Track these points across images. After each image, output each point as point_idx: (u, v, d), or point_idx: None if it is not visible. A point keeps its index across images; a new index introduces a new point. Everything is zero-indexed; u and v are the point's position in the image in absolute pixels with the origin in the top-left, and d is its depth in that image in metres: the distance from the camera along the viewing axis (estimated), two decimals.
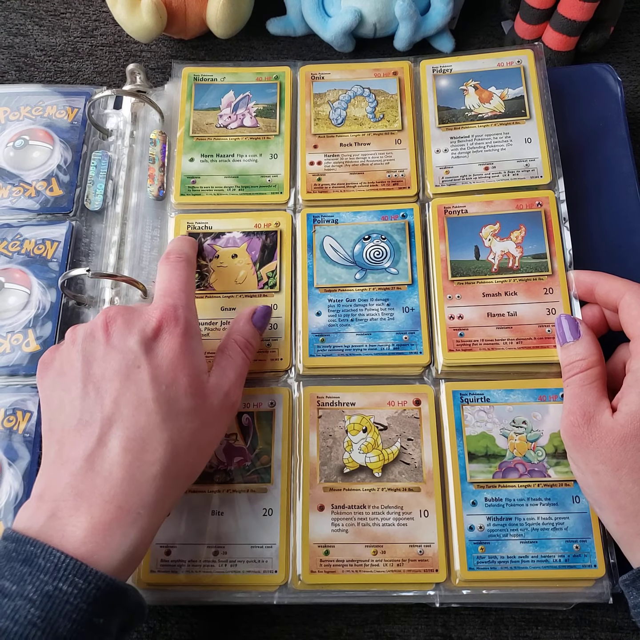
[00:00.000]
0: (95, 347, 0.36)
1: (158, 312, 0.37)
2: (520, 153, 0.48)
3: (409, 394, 0.43)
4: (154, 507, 0.33)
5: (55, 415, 0.36)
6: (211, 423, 0.37)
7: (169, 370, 0.36)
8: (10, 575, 0.30)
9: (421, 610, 0.42)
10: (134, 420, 0.34)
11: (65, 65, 0.60)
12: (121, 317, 0.37)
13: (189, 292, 0.40)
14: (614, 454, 0.36)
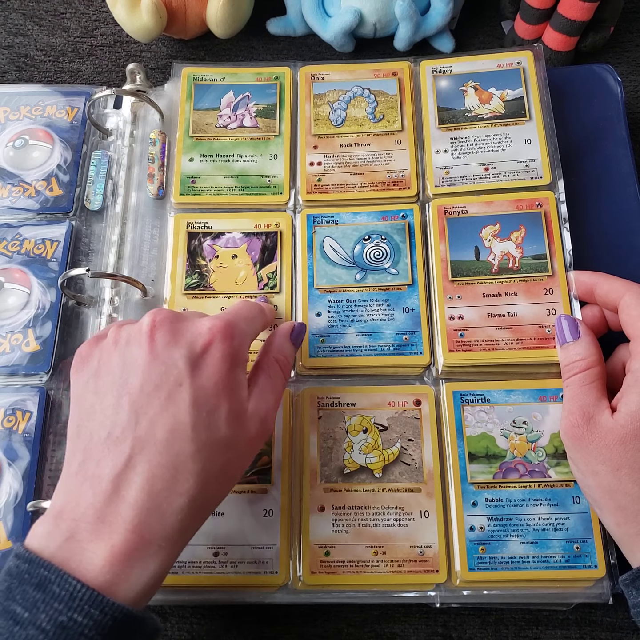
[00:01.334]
0: (137, 353, 0.33)
1: (212, 325, 0.34)
2: (520, 154, 0.48)
3: (409, 394, 0.43)
4: (176, 539, 0.32)
5: (85, 421, 0.33)
6: (244, 452, 0.36)
7: (212, 395, 0.33)
8: (22, 599, 0.29)
9: (421, 610, 0.42)
10: (168, 445, 0.32)
11: (65, 65, 0.60)
12: (169, 324, 0.34)
13: (251, 325, 0.37)
14: (613, 454, 0.36)
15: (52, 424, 0.44)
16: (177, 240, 0.47)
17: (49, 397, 0.44)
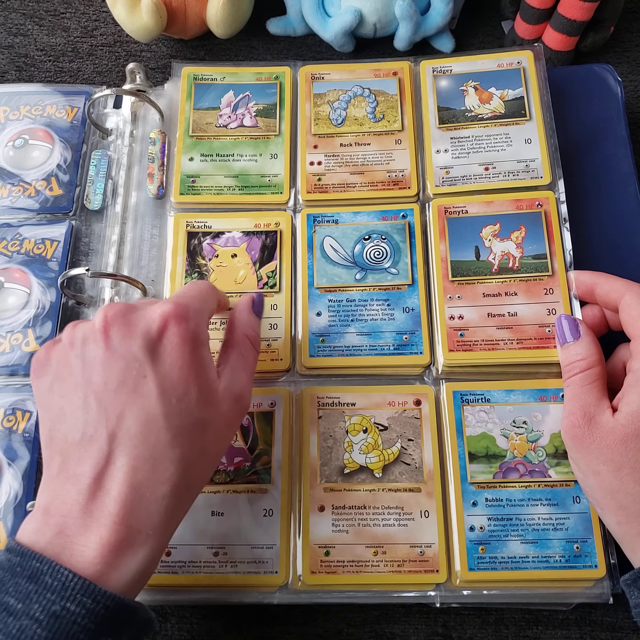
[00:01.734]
0: (95, 351, 0.33)
1: (164, 308, 0.34)
2: (520, 154, 0.48)
3: (409, 394, 0.43)
4: (163, 526, 0.32)
5: (56, 424, 0.33)
6: (222, 431, 0.35)
7: (179, 381, 0.33)
8: (14, 591, 0.29)
9: (421, 610, 0.42)
10: (143, 438, 0.32)
11: (65, 65, 0.60)
12: (122, 317, 0.33)
13: (205, 303, 0.37)
14: (615, 454, 0.36)
15: None
16: (177, 240, 0.47)
17: None
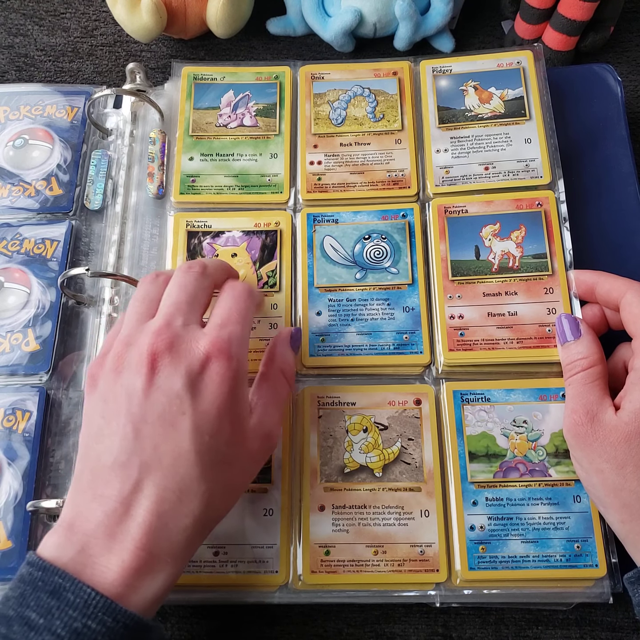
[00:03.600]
0: (138, 384, 0.34)
1: (208, 345, 0.34)
2: (520, 153, 0.48)
3: (409, 393, 0.43)
4: (182, 554, 0.33)
5: (92, 443, 0.34)
6: (248, 467, 0.36)
7: (214, 419, 0.34)
8: (36, 606, 0.30)
9: (421, 610, 0.42)
10: (173, 471, 0.33)
11: (65, 65, 0.60)
12: (168, 354, 0.34)
13: (245, 325, 0.37)
14: (618, 452, 0.36)
15: (51, 424, 0.44)
16: (177, 239, 0.47)
17: (48, 396, 0.44)
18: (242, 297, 0.38)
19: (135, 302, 0.38)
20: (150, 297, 0.38)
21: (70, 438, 0.43)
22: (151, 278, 0.39)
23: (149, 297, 0.38)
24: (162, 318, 0.36)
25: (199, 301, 0.37)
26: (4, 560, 0.40)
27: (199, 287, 0.37)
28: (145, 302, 0.37)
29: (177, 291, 0.37)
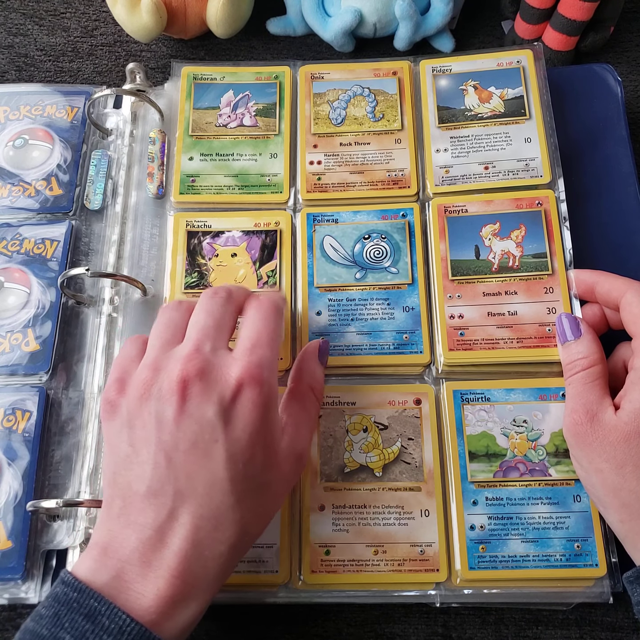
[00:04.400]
0: (169, 412, 0.33)
1: (240, 372, 0.34)
2: (520, 153, 0.48)
3: (409, 393, 0.43)
4: (216, 581, 0.33)
5: (121, 469, 0.34)
6: (280, 490, 0.36)
7: (247, 446, 0.33)
8: (70, 628, 0.30)
9: (421, 610, 0.42)
10: (208, 500, 0.33)
11: (65, 65, 0.60)
12: (199, 381, 0.33)
13: (274, 346, 0.36)
14: (617, 452, 0.36)
15: (51, 424, 0.44)
16: (177, 239, 0.47)
17: (48, 396, 0.44)
18: (271, 317, 0.37)
19: (159, 327, 0.37)
20: (175, 323, 0.37)
21: (70, 438, 0.43)
22: (174, 305, 0.38)
23: (174, 323, 0.37)
24: (191, 343, 0.35)
25: (227, 326, 0.37)
26: (4, 560, 0.40)
27: (226, 312, 0.37)
28: (170, 328, 0.37)
29: (205, 317, 0.36)
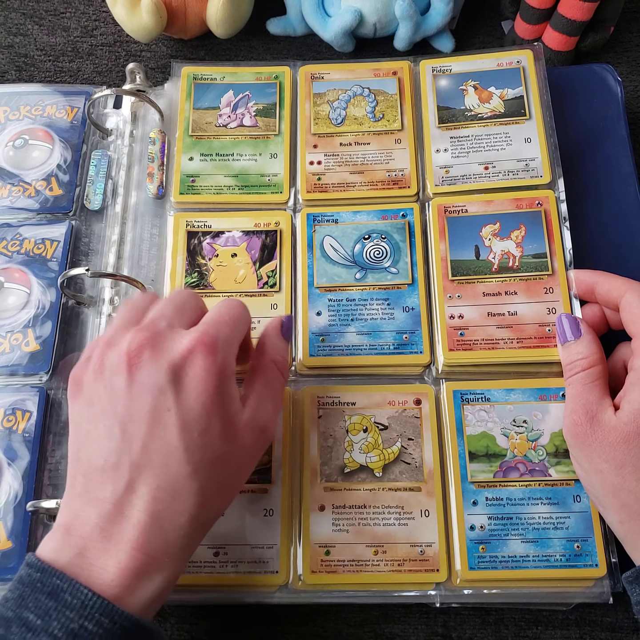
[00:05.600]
0: (121, 383, 0.33)
1: (192, 338, 0.34)
2: (520, 153, 0.48)
3: (409, 393, 0.43)
4: (179, 554, 0.33)
5: (82, 447, 0.34)
6: (243, 463, 0.36)
7: (202, 415, 0.33)
8: (34, 607, 0.30)
9: (421, 610, 0.42)
10: (165, 469, 0.32)
11: (65, 65, 0.60)
12: (149, 348, 0.33)
13: (236, 329, 0.36)
14: (617, 452, 0.36)
15: (51, 424, 0.44)
16: (177, 240, 0.47)
17: (48, 396, 0.44)
18: (236, 306, 0.37)
19: (122, 310, 0.37)
20: (138, 307, 0.37)
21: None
22: (141, 294, 0.39)
23: (136, 306, 0.37)
24: (146, 321, 0.35)
25: (186, 313, 0.36)
26: (4, 560, 0.40)
27: (188, 302, 0.37)
28: (132, 310, 0.37)
29: (166, 302, 0.37)
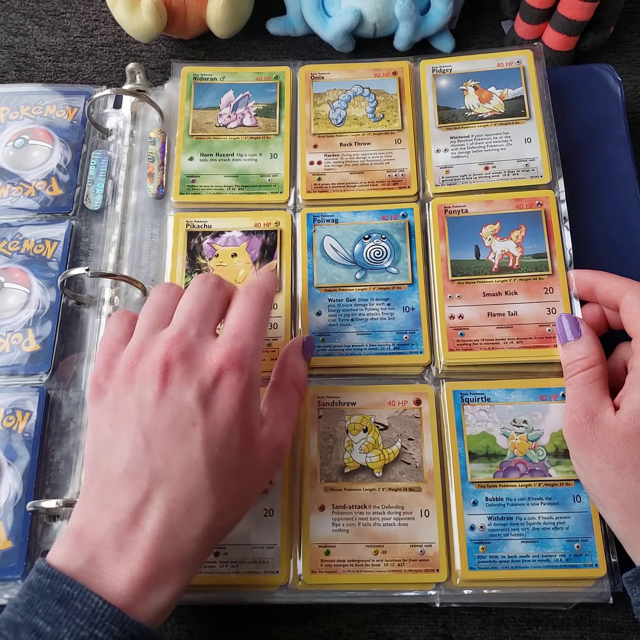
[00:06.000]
0: (151, 395, 0.34)
1: (222, 358, 0.34)
2: (520, 153, 0.48)
3: (409, 393, 0.43)
4: (190, 565, 0.33)
5: (102, 452, 0.34)
6: (258, 478, 0.36)
7: (224, 430, 0.34)
8: (44, 613, 0.30)
9: (421, 610, 0.42)
10: (183, 482, 0.33)
11: (65, 65, 0.60)
12: (181, 364, 0.34)
13: (260, 334, 0.37)
14: (617, 452, 0.36)
15: (52, 424, 0.44)
16: (177, 240, 0.47)
17: (48, 396, 0.44)
18: (258, 303, 0.37)
19: (147, 310, 0.37)
20: (164, 307, 0.37)
21: (70, 438, 0.43)
22: (164, 287, 0.39)
23: (162, 306, 0.37)
24: (175, 328, 0.35)
25: (214, 312, 0.37)
26: (4, 560, 0.40)
27: (214, 298, 0.37)
28: (158, 311, 0.37)
29: (192, 301, 0.37)
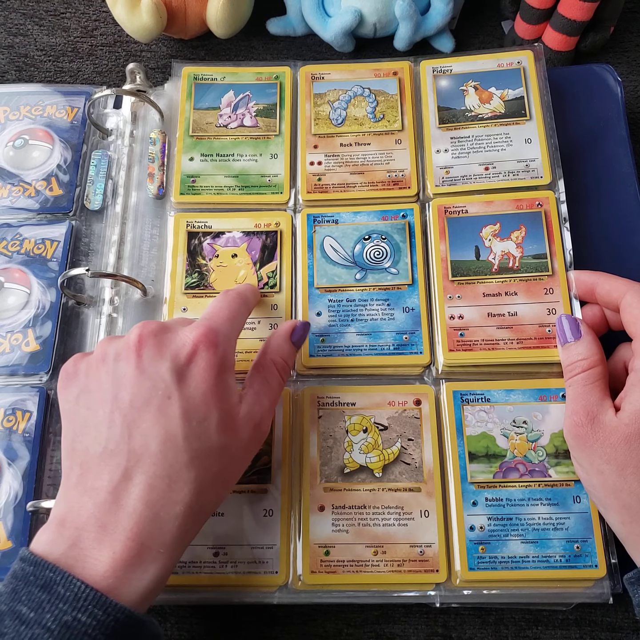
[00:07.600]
0: (124, 369, 0.34)
1: (195, 334, 0.35)
2: (520, 153, 0.48)
3: (409, 394, 0.43)
4: (175, 545, 0.33)
5: (79, 436, 0.34)
6: (239, 456, 0.36)
7: (201, 404, 0.34)
8: (27, 600, 0.30)
9: (421, 610, 0.42)
10: (162, 457, 0.33)
11: (65, 65, 0.60)
12: (154, 338, 0.35)
13: (235, 325, 0.37)
14: (618, 454, 0.36)
15: (52, 424, 0.44)
16: (177, 240, 0.47)
17: (48, 397, 0.44)
18: (235, 301, 0.39)
19: None
20: None
21: None
22: None
23: None
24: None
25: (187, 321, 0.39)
26: (4, 560, 0.40)
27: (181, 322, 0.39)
28: None
29: None
